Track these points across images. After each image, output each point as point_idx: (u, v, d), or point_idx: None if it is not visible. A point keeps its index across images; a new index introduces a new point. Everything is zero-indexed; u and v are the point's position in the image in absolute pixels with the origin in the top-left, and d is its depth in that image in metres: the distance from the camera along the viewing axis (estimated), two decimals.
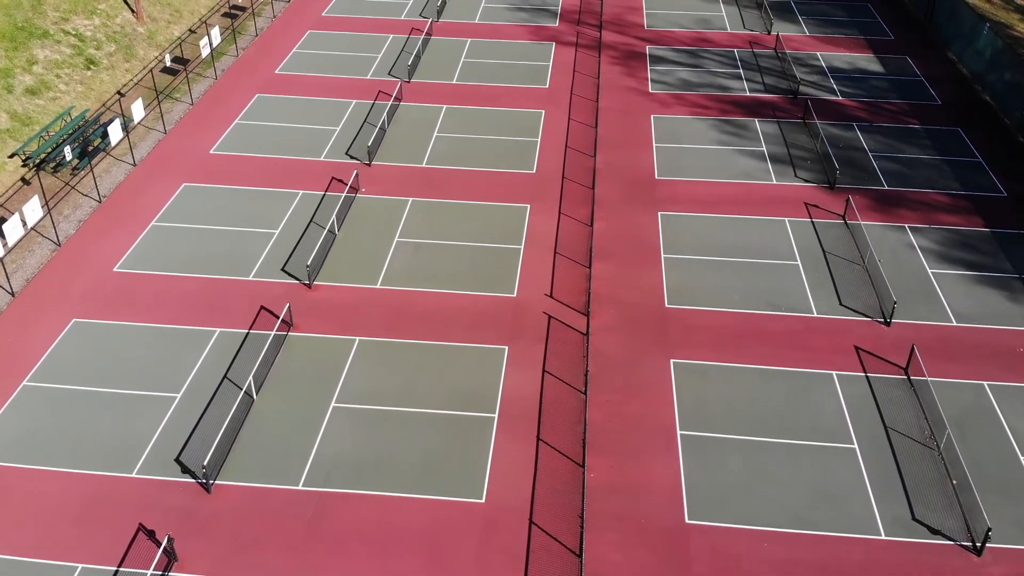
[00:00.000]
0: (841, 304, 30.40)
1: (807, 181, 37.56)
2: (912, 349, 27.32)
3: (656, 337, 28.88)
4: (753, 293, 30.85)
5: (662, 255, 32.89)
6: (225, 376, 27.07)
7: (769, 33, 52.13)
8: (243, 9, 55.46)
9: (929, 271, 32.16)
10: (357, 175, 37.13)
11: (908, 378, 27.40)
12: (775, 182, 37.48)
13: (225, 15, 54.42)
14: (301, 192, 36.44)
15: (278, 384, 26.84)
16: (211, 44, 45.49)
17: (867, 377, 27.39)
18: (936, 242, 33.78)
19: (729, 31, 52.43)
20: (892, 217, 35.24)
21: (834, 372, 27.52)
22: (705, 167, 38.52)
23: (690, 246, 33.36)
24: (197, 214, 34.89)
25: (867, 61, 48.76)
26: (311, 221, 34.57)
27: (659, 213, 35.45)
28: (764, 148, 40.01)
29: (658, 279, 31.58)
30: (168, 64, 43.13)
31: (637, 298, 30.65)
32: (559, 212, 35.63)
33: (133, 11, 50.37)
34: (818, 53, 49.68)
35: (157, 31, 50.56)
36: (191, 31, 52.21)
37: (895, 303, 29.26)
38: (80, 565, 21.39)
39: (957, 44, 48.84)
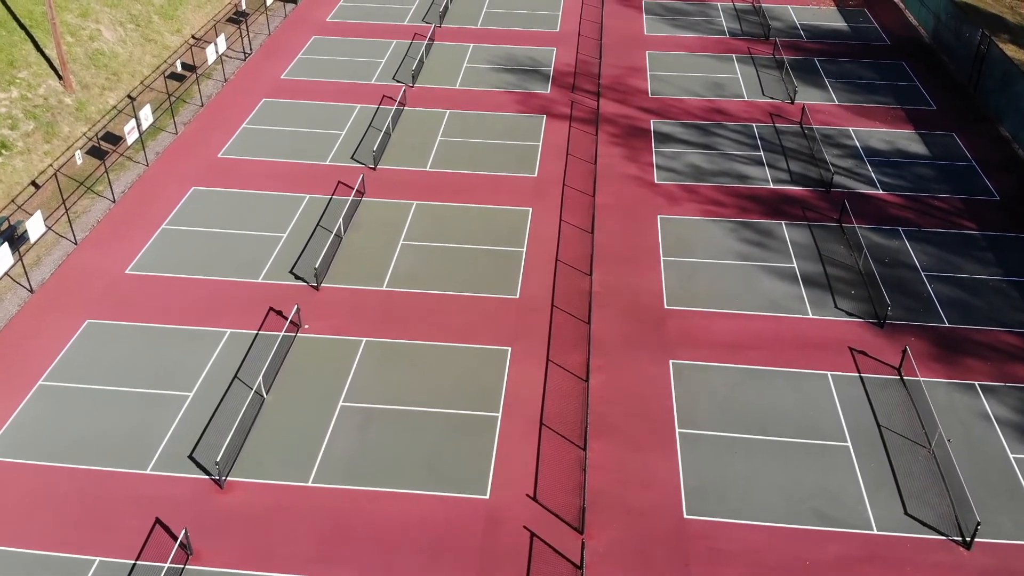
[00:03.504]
0: (907, 513, 23.59)
1: (850, 314, 30.78)
2: None
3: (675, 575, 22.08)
4: (796, 495, 24.04)
5: (677, 430, 26.10)
6: None
7: (792, 102, 45.36)
8: (193, 69, 48.71)
9: (1011, 456, 25.38)
10: (298, 310, 30.31)
11: None
12: (811, 315, 30.70)
13: (171, 76, 47.66)
14: (228, 331, 29.63)
15: None
16: (139, 127, 38.66)
17: None
18: (1015, 409, 26.99)
19: (746, 99, 45.66)
20: (958, 370, 28.44)
21: None
22: (724, 292, 31.75)
23: (712, 415, 26.57)
24: (96, 367, 28.07)
25: (908, 139, 41.99)
26: (235, 377, 27.75)
27: (671, 362, 28.67)
28: (795, 265, 33.22)
29: (673, 470, 24.77)
30: (79, 163, 36.25)
31: (648, 503, 23.83)
32: (547, 359, 28.86)
33: (60, 77, 43.62)
34: (850, 129, 42.90)
35: (88, 101, 43.79)
36: (130, 97, 45.44)
37: (978, 524, 22.46)
38: None
39: (1012, 120, 42.08)
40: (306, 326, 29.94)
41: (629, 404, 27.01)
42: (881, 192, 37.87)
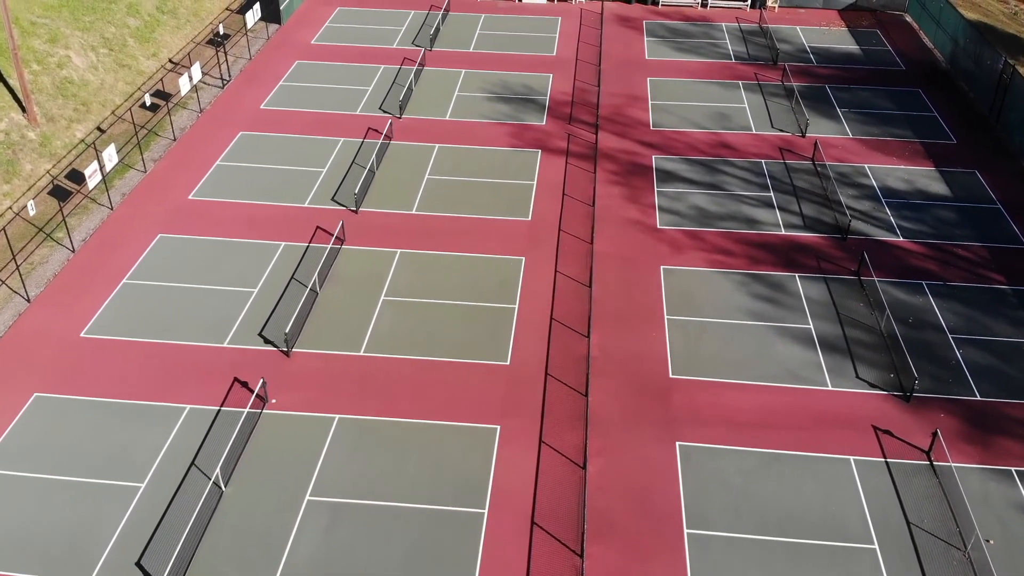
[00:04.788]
0: None
1: (872, 385, 28.06)
2: None
3: None
4: None
5: (685, 530, 23.37)
6: None
7: (804, 136, 42.61)
8: (168, 97, 45.95)
9: None
10: (264, 384, 27.52)
11: None
12: (830, 387, 27.97)
13: (143, 107, 44.91)
14: (188, 407, 26.89)
15: None
16: (102, 171, 35.91)
17: None
18: None
19: (754, 132, 42.92)
20: (992, 454, 25.71)
21: None
22: (735, 359, 29.02)
23: (723, 512, 23.83)
24: (42, 452, 25.31)
25: (928, 178, 39.26)
26: (191, 464, 25.01)
27: (677, 444, 25.95)
28: (811, 325, 30.50)
29: None
30: (32, 212, 33.30)
31: None
32: (539, 440, 26.13)
33: (24, 110, 40.89)
34: (866, 166, 40.16)
35: (54, 135, 41.05)
36: (100, 130, 42.70)
37: None
38: None
39: None
40: (273, 400, 27.21)
41: (631, 497, 24.28)
42: (901, 239, 35.13)
